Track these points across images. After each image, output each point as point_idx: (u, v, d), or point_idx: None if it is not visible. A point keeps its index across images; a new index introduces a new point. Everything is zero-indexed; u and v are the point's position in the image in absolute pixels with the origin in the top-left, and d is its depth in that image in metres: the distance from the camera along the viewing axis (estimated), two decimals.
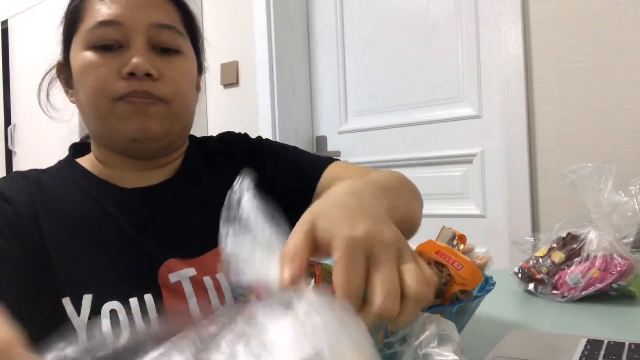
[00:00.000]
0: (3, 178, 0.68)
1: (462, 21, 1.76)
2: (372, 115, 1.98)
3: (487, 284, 0.57)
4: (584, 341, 0.56)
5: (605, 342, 0.56)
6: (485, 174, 1.72)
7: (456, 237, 0.54)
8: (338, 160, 0.80)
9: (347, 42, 2.05)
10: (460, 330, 0.49)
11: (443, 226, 0.55)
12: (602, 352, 0.52)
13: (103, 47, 0.64)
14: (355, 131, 2.03)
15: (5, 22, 2.97)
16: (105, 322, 0.59)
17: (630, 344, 0.54)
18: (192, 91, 0.71)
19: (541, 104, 1.51)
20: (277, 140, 2.02)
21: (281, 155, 0.81)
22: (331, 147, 2.09)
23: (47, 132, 2.63)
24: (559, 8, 1.48)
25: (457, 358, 0.35)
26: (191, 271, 0.66)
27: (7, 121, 3.02)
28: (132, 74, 0.63)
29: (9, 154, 3.00)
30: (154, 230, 0.68)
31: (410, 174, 0.65)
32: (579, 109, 1.45)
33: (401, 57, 1.88)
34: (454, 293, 0.47)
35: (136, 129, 0.65)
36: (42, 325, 0.56)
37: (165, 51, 0.67)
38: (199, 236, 0.69)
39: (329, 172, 0.76)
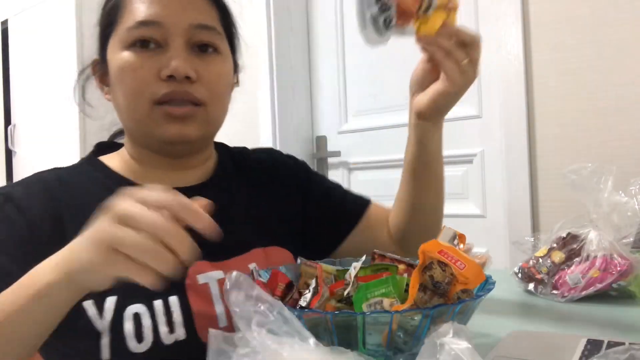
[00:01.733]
0: (20, 184, 0.66)
1: (462, 21, 1.75)
2: (372, 115, 1.98)
3: (487, 283, 0.57)
4: (584, 341, 0.57)
5: (605, 342, 0.56)
6: (485, 174, 1.72)
7: (457, 237, 0.55)
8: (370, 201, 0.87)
9: (347, 42, 2.05)
10: None
11: (444, 225, 0.56)
12: (602, 352, 0.52)
13: (141, 46, 0.64)
14: (355, 131, 2.03)
15: (5, 22, 2.97)
16: (128, 326, 0.58)
17: (630, 344, 0.54)
18: (228, 93, 0.72)
19: (541, 104, 1.51)
20: (278, 139, 2.04)
21: (326, 188, 0.86)
22: (331, 147, 2.09)
23: (47, 132, 2.63)
24: (559, 8, 1.48)
25: (470, 346, 0.37)
26: (219, 274, 0.66)
27: (7, 121, 3.02)
28: (171, 77, 0.63)
29: (9, 154, 3.00)
30: None
31: None
32: (579, 109, 1.45)
33: (401, 57, 1.88)
34: (455, 293, 0.47)
35: (173, 135, 0.66)
36: (60, 330, 0.56)
37: (204, 49, 0.67)
38: (228, 241, 0.69)
39: (372, 212, 0.84)
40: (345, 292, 0.51)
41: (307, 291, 0.50)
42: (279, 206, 0.80)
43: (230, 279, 0.42)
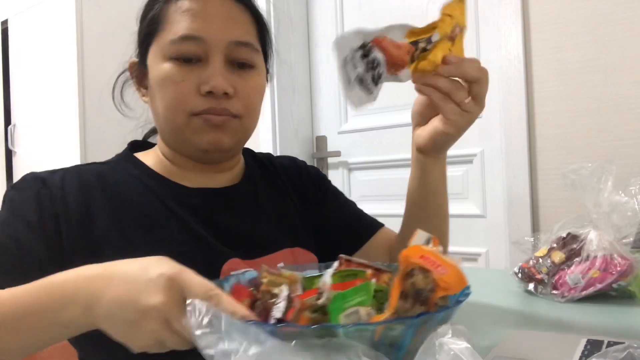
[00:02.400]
0: (57, 173, 0.69)
1: None
2: (372, 115, 1.98)
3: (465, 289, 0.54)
4: (584, 341, 0.56)
5: (605, 342, 0.56)
6: (485, 174, 1.72)
7: (431, 240, 0.52)
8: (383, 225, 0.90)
9: None
10: None
11: (417, 230, 0.53)
12: (601, 351, 0.52)
13: (183, 59, 0.67)
14: (355, 131, 2.03)
15: (5, 22, 2.97)
16: None
17: (629, 343, 0.54)
18: (260, 104, 0.76)
19: (541, 104, 1.51)
20: (278, 139, 2.04)
21: (342, 203, 0.90)
22: (331, 147, 2.09)
23: (47, 132, 2.63)
24: (559, 8, 1.48)
25: (469, 346, 0.37)
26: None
27: (7, 121, 3.02)
28: (210, 92, 0.66)
29: (9, 154, 3.00)
30: (217, 229, 0.70)
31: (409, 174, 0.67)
32: (579, 109, 1.45)
33: None
34: (436, 299, 0.45)
35: (209, 143, 0.69)
36: None
37: (241, 66, 0.70)
38: (259, 239, 0.73)
39: (381, 233, 0.87)
40: (321, 302, 0.48)
41: (280, 300, 0.47)
42: (300, 211, 0.84)
43: (193, 306, 0.41)
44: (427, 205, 0.76)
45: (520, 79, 1.53)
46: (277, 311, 0.46)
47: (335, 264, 0.56)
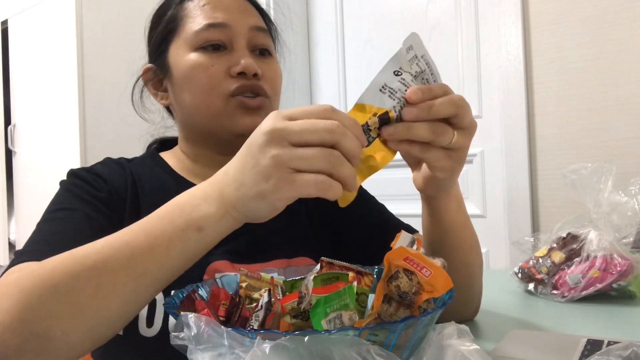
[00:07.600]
0: (97, 164, 0.73)
1: (462, 21, 1.76)
2: None
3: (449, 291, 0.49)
4: (584, 341, 0.57)
5: (605, 342, 0.56)
6: (485, 174, 1.72)
7: (415, 242, 0.50)
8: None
9: (347, 42, 2.05)
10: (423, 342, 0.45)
11: (402, 231, 0.51)
12: (603, 349, 0.52)
13: (211, 48, 0.69)
14: None
15: (5, 22, 2.97)
16: (144, 308, 0.62)
17: (630, 342, 0.54)
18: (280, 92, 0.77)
19: (541, 104, 1.51)
20: None
21: (368, 207, 0.85)
22: None
23: (47, 132, 2.63)
24: (559, 8, 1.48)
25: (479, 347, 0.37)
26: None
27: (7, 121, 3.02)
28: (241, 73, 0.69)
29: (9, 154, 3.00)
30: None
31: (410, 174, 0.65)
32: (579, 109, 1.45)
33: None
34: (420, 303, 0.44)
35: (245, 126, 0.69)
36: None
37: (262, 53, 0.74)
38: (255, 246, 0.72)
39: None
40: (302, 307, 0.46)
41: (259, 307, 0.46)
42: (315, 215, 0.81)
43: (185, 319, 0.41)
44: (445, 242, 0.66)
45: (520, 79, 1.53)
46: (256, 318, 0.45)
47: (317, 267, 0.54)
